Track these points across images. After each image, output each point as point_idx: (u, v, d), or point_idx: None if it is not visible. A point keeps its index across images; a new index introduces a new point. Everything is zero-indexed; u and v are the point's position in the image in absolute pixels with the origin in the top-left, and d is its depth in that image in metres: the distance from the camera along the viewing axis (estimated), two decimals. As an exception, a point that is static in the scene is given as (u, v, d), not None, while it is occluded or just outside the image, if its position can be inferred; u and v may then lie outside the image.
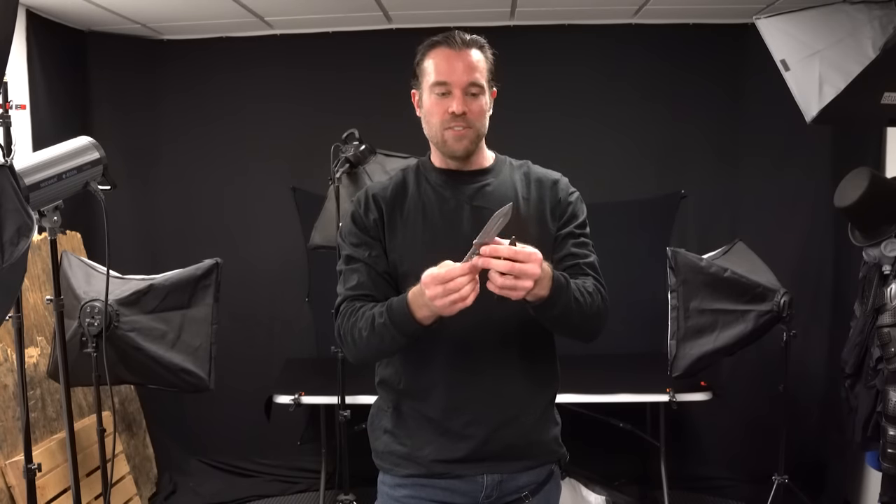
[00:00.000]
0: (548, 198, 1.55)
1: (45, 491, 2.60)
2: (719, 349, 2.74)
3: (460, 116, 1.45)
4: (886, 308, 2.40)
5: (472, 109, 1.46)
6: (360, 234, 1.52)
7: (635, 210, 3.71)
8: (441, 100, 1.46)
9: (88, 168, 1.94)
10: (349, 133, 2.96)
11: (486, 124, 1.52)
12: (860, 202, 2.48)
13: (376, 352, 1.45)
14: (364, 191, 1.58)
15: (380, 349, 1.43)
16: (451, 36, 1.48)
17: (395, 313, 1.34)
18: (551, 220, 1.53)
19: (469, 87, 1.45)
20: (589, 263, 1.53)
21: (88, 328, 2.32)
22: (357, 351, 1.45)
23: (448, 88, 1.45)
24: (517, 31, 3.69)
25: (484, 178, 1.55)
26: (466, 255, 1.25)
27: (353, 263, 1.51)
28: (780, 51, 2.65)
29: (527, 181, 1.56)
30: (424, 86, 1.51)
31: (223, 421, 3.79)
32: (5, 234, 1.28)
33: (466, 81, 1.44)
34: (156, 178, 3.86)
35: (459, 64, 1.45)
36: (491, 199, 1.50)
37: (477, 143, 1.52)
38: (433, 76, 1.47)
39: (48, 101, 3.33)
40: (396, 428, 1.52)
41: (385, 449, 1.54)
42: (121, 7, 3.27)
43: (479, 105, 1.48)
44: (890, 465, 2.32)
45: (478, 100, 1.47)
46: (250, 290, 3.72)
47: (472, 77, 1.46)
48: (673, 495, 3.23)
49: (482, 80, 1.47)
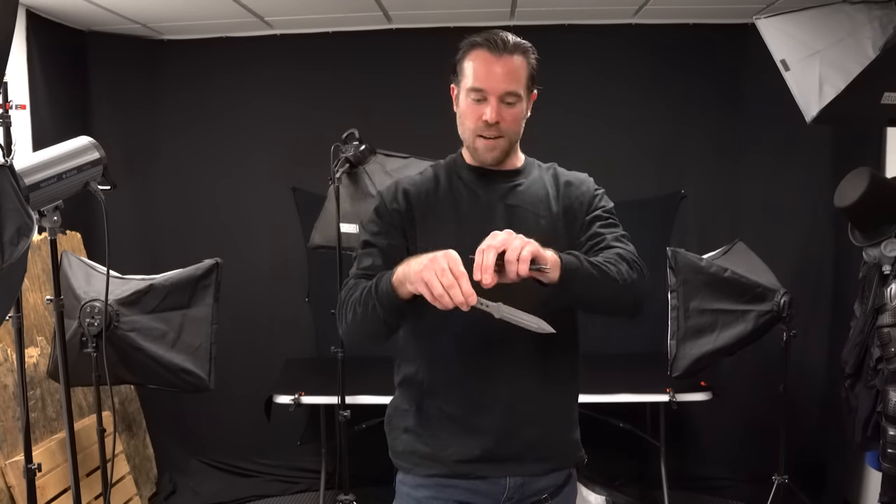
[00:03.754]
0: (575, 195, 1.54)
1: (45, 491, 2.60)
2: (719, 349, 2.74)
3: (493, 126, 1.43)
4: (886, 308, 2.40)
5: (505, 118, 1.44)
6: (381, 222, 1.50)
7: (635, 210, 3.70)
8: (476, 105, 1.43)
9: (88, 168, 1.94)
10: (349, 133, 2.95)
11: (521, 131, 1.51)
12: (860, 202, 2.48)
13: (360, 326, 1.40)
14: (394, 182, 1.56)
15: (364, 323, 1.38)
16: (494, 39, 1.43)
17: (383, 280, 1.32)
18: (580, 215, 1.52)
19: (506, 95, 1.42)
20: (616, 237, 1.48)
21: (88, 328, 2.32)
22: (347, 325, 1.42)
23: (483, 95, 1.42)
24: (517, 31, 3.59)
25: (516, 179, 1.54)
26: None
27: (369, 248, 1.49)
28: (780, 51, 2.65)
29: (556, 182, 1.55)
30: (462, 86, 1.47)
31: (223, 421, 3.79)
32: (5, 234, 1.28)
33: (503, 90, 1.41)
34: (156, 178, 3.86)
35: (498, 71, 1.41)
36: (523, 197, 1.51)
37: (508, 152, 1.51)
38: (470, 80, 1.44)
39: (48, 101, 3.33)
40: (419, 427, 1.50)
41: (406, 449, 1.51)
42: (121, 7, 3.27)
43: (514, 114, 1.45)
44: (890, 465, 2.32)
45: (513, 109, 1.44)
46: (250, 290, 3.72)
47: (509, 86, 1.42)
48: (673, 495, 3.23)
49: (520, 88, 1.44)
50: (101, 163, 1.98)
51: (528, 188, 1.53)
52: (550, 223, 1.49)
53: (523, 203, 1.50)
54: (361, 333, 1.42)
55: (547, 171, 1.59)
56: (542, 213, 1.50)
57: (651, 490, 3.41)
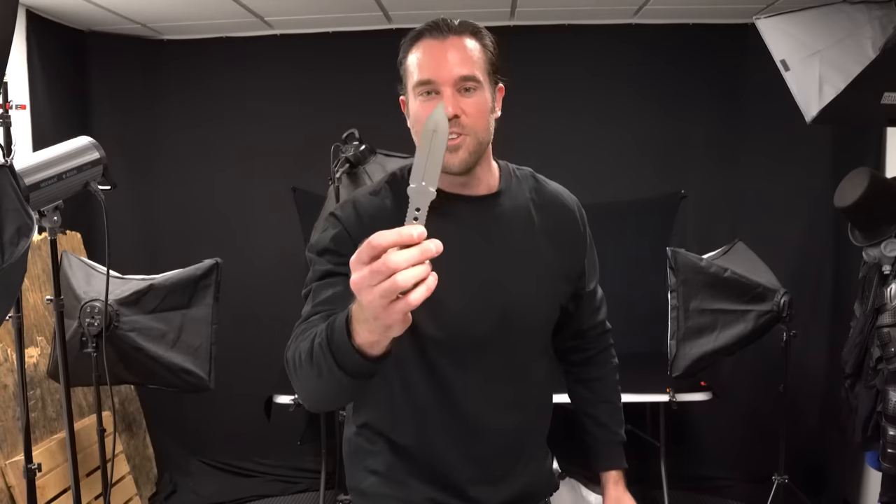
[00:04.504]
0: (567, 237, 1.38)
1: (45, 491, 2.60)
2: (719, 349, 2.74)
3: (452, 120, 1.15)
4: (886, 308, 2.40)
5: (467, 110, 1.18)
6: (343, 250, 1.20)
7: (635, 210, 3.71)
8: (428, 102, 1.18)
9: (88, 168, 1.95)
10: (349, 133, 2.95)
11: (491, 129, 1.24)
12: (860, 202, 2.48)
13: (315, 389, 1.06)
14: (351, 202, 1.29)
15: (319, 387, 1.03)
16: (436, 23, 1.20)
17: (336, 331, 0.94)
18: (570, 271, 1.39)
19: (461, 81, 1.17)
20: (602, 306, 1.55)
21: (88, 328, 2.31)
22: (299, 386, 1.08)
23: (434, 87, 1.17)
24: (517, 31, 3.69)
25: (496, 204, 1.30)
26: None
27: (331, 278, 1.19)
28: (780, 51, 2.65)
29: (538, 201, 1.35)
30: (409, 88, 1.22)
31: (223, 421, 3.79)
32: (5, 234, 1.28)
33: (457, 76, 1.16)
34: (156, 177, 3.86)
35: (447, 56, 1.17)
36: (505, 232, 1.30)
37: (478, 155, 1.23)
38: (416, 74, 1.19)
39: (48, 102, 3.33)
40: (389, 471, 1.34)
41: (373, 491, 1.36)
42: (121, 7, 3.27)
43: (477, 103, 1.19)
44: (890, 465, 2.32)
45: (474, 97, 1.19)
46: (250, 290, 3.72)
47: (465, 69, 1.17)
48: (673, 495, 3.23)
49: (477, 71, 1.19)
50: (101, 163, 1.98)
51: (511, 214, 1.31)
52: (536, 262, 1.33)
53: (507, 240, 1.29)
54: (322, 398, 1.11)
55: (524, 181, 1.37)
56: (526, 250, 1.32)
57: (651, 490, 3.40)
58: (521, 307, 1.30)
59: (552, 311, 1.38)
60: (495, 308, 1.28)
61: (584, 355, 1.56)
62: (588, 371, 1.56)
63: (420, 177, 0.86)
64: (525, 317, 1.32)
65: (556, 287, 1.37)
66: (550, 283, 1.36)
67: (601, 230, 1.74)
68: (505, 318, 1.29)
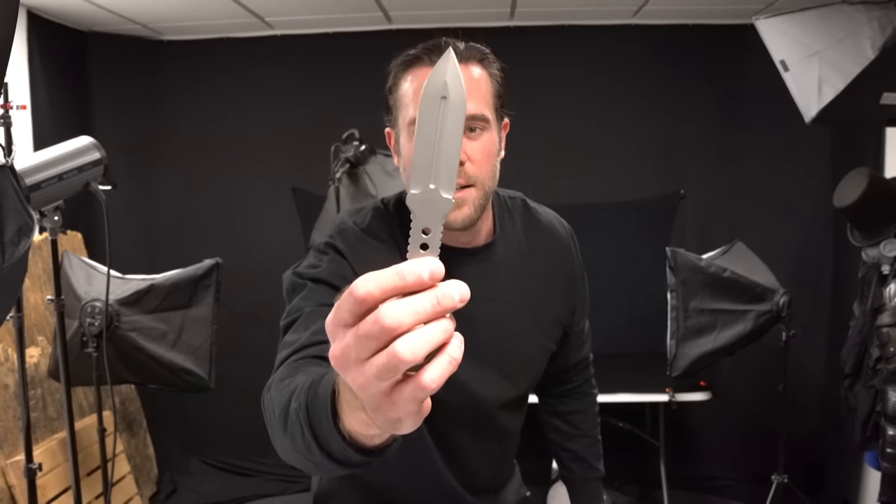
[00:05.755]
0: (559, 280, 1.29)
1: (45, 491, 2.60)
2: (719, 349, 2.74)
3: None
4: (885, 308, 2.40)
5: (473, 157, 1.02)
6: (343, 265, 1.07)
7: (635, 210, 3.71)
8: None
9: (89, 168, 1.95)
10: (349, 133, 2.96)
11: (496, 175, 1.09)
12: (859, 202, 2.48)
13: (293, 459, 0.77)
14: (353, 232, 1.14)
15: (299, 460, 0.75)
16: (438, 46, 1.02)
17: (319, 402, 0.66)
18: (561, 313, 1.31)
19: (466, 121, 0.96)
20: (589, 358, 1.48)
21: (89, 328, 2.32)
22: (276, 445, 0.80)
23: None
24: (517, 31, 3.69)
25: (492, 254, 1.18)
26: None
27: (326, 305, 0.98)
28: (780, 51, 2.65)
29: (532, 242, 1.24)
30: (401, 124, 1.06)
31: (223, 421, 3.80)
32: (6, 234, 1.29)
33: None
34: (156, 178, 3.87)
35: None
36: (503, 281, 1.18)
37: (483, 208, 1.08)
38: (411, 110, 1.02)
39: (49, 102, 3.33)
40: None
41: None
42: (121, 7, 3.27)
43: (484, 147, 1.04)
44: (889, 465, 2.32)
45: (481, 140, 1.03)
46: (250, 290, 3.72)
47: (471, 107, 1.00)
48: (673, 495, 3.23)
49: (486, 109, 1.03)
50: (102, 163, 1.98)
51: (505, 266, 1.19)
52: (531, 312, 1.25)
53: (504, 293, 1.18)
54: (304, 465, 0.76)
55: (515, 214, 1.25)
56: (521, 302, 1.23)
57: (651, 490, 3.41)
58: (520, 365, 1.27)
59: (544, 359, 1.33)
60: (498, 370, 1.22)
61: (565, 388, 1.48)
62: (568, 403, 1.48)
63: (426, 177, 0.55)
64: (524, 374, 1.29)
65: (551, 333, 1.31)
66: (545, 331, 1.29)
67: (601, 230, 1.74)
68: (506, 379, 1.24)
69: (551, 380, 1.45)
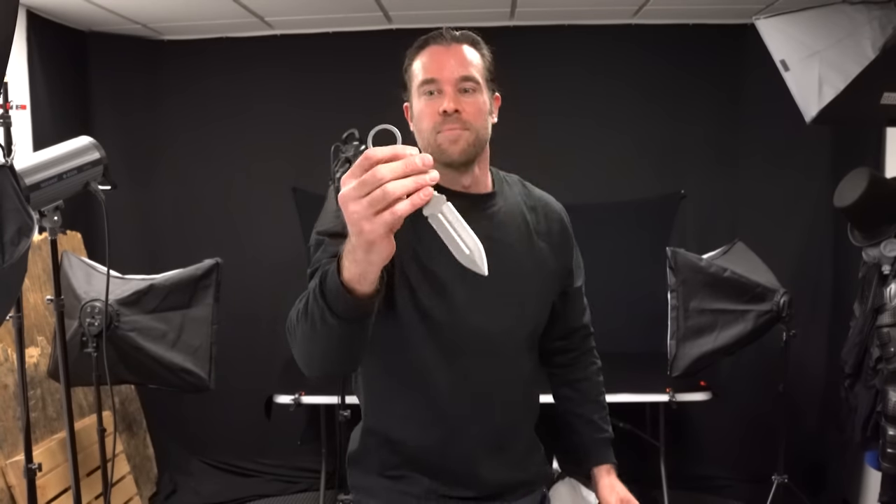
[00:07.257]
0: (557, 238, 1.46)
1: (45, 491, 2.60)
2: (719, 349, 2.74)
3: (453, 115, 1.27)
4: (886, 308, 2.40)
5: (466, 108, 1.28)
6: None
7: (635, 210, 3.71)
8: (431, 101, 1.29)
9: (89, 168, 1.95)
10: (349, 133, 2.96)
11: (488, 128, 1.34)
12: (859, 202, 2.48)
13: (310, 344, 1.08)
14: None
15: (315, 342, 1.06)
16: (440, 32, 1.33)
17: (328, 274, 0.98)
18: (561, 270, 1.47)
19: (461, 81, 1.28)
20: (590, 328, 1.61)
21: (89, 328, 2.32)
22: (297, 348, 1.12)
23: (438, 86, 1.29)
24: (517, 31, 3.69)
25: (493, 203, 1.39)
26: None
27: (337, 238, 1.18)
28: (780, 51, 2.65)
29: (530, 205, 1.44)
30: (414, 90, 1.33)
31: (223, 421, 3.80)
32: (6, 234, 1.28)
33: (458, 76, 1.28)
34: (156, 177, 3.86)
35: (450, 59, 1.29)
36: (504, 229, 1.37)
37: (477, 149, 1.32)
38: (421, 75, 1.31)
39: (49, 102, 3.33)
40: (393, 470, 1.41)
41: (380, 486, 1.42)
42: (121, 7, 3.27)
43: (476, 104, 1.30)
44: (889, 465, 2.32)
45: (474, 97, 1.30)
46: (250, 290, 3.72)
47: (465, 71, 1.29)
48: (673, 495, 3.23)
49: (476, 74, 1.31)
50: (102, 163, 1.98)
51: (506, 214, 1.39)
52: (533, 261, 1.41)
53: (506, 237, 1.36)
54: (312, 354, 1.11)
55: (513, 186, 1.46)
56: (523, 249, 1.40)
57: (651, 490, 3.40)
58: (522, 302, 1.39)
59: (546, 308, 1.47)
60: (499, 300, 1.34)
61: (569, 356, 1.60)
62: (574, 372, 1.61)
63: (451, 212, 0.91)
64: (524, 312, 1.40)
65: (551, 284, 1.46)
66: (546, 281, 1.44)
67: (601, 230, 1.75)
68: (507, 312, 1.36)
69: (556, 348, 1.58)
